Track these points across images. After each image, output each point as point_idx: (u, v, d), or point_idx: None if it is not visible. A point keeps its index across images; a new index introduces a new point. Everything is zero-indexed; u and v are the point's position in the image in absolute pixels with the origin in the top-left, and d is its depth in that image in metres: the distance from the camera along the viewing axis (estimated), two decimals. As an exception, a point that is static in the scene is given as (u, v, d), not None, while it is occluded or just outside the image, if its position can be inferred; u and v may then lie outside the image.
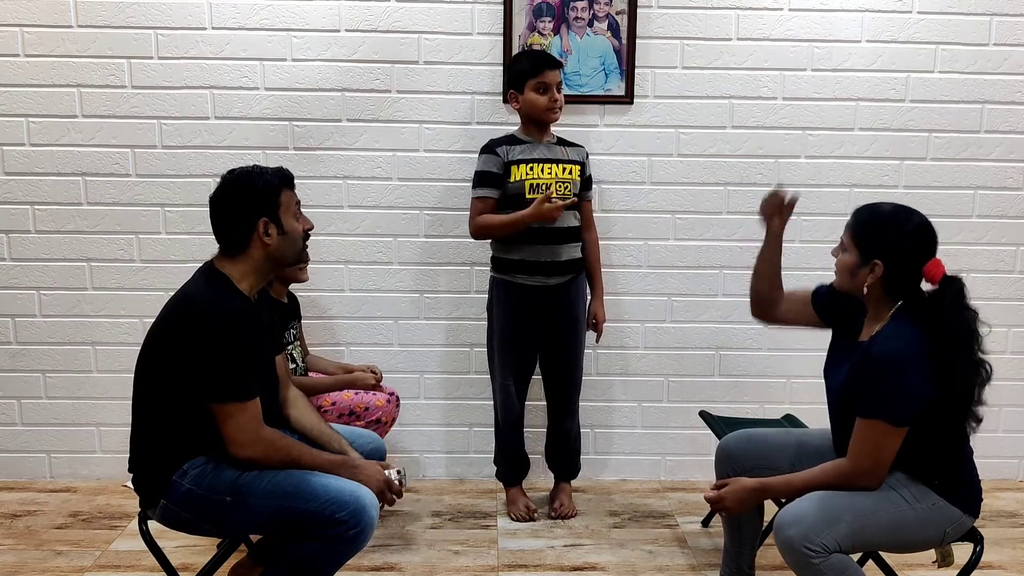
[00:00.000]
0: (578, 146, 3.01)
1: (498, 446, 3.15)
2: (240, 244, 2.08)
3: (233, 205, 2.08)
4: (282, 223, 2.09)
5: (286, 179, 2.14)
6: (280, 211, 2.09)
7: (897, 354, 1.94)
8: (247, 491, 2.01)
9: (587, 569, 2.73)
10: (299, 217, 2.18)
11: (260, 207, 2.07)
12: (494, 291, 3.02)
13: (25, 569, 2.68)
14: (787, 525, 1.95)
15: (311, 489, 2.00)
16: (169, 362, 2.00)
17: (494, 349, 3.04)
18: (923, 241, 2.03)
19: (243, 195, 2.08)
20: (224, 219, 2.09)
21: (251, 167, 2.13)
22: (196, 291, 2.04)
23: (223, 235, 2.10)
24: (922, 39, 3.21)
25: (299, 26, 3.14)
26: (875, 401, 1.95)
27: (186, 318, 1.99)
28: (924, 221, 2.04)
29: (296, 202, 2.16)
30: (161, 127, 3.18)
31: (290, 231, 2.12)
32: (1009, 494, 3.32)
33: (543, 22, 3.15)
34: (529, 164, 2.88)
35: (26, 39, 3.11)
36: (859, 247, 2.05)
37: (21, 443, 3.32)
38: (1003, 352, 3.40)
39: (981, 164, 3.29)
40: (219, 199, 2.10)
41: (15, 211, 3.19)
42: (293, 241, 2.13)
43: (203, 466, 2.03)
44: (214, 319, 1.96)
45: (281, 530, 2.05)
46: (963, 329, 1.97)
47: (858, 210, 2.12)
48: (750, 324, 3.34)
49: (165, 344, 2.01)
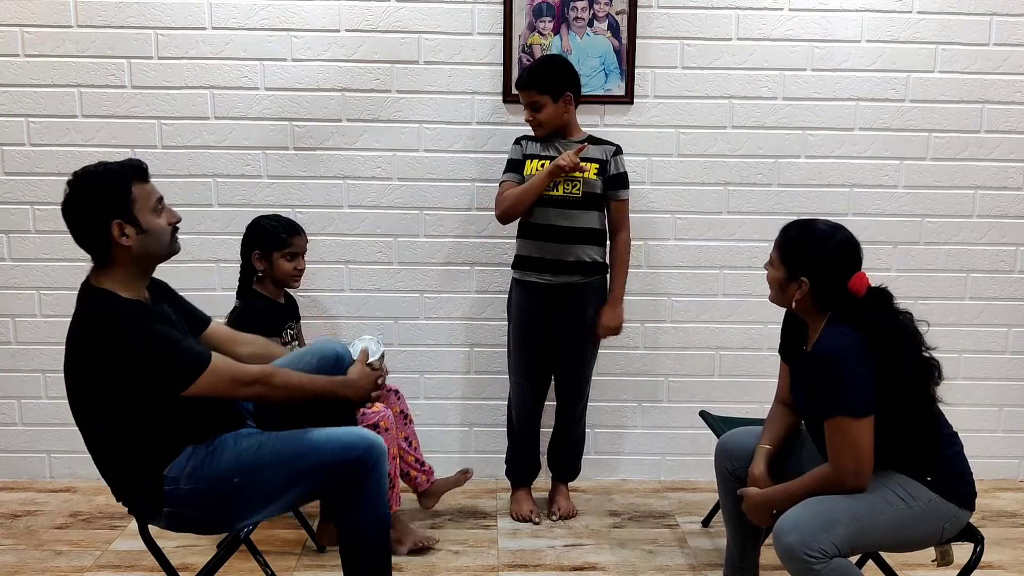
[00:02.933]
0: (607, 144, 2.93)
1: (510, 446, 3.14)
2: (102, 251, 1.94)
3: (81, 211, 1.91)
4: (139, 221, 1.93)
5: (137, 172, 1.95)
6: (135, 208, 1.92)
7: (834, 348, 2.01)
8: (253, 466, 1.99)
9: (587, 569, 2.72)
10: (161, 211, 1.99)
11: (110, 209, 1.90)
12: (512, 290, 3.01)
13: (25, 569, 2.68)
14: (786, 532, 1.95)
15: (316, 442, 2.02)
16: (105, 385, 1.93)
17: (510, 349, 3.03)
18: (845, 258, 2.09)
19: (89, 198, 1.91)
20: (77, 228, 1.93)
21: (96, 165, 1.94)
22: (84, 314, 1.94)
23: (82, 244, 1.95)
24: (922, 39, 3.21)
25: (299, 26, 3.14)
26: (829, 399, 2.00)
27: (96, 340, 1.90)
28: (846, 237, 2.11)
29: (157, 197, 1.98)
30: (161, 127, 3.18)
31: (150, 228, 1.95)
32: (1009, 494, 3.32)
33: (543, 22, 3.15)
34: (542, 162, 2.87)
35: (26, 39, 3.11)
36: (785, 264, 2.13)
37: (21, 443, 3.32)
38: (1003, 352, 3.40)
39: (981, 164, 3.29)
40: (67, 206, 1.93)
41: (15, 211, 3.19)
42: (157, 237, 1.97)
43: (190, 460, 2.00)
44: (121, 321, 1.88)
45: (306, 493, 2.06)
46: (896, 330, 2.03)
47: (785, 227, 2.18)
48: (750, 324, 3.35)
49: (91, 373, 1.93)
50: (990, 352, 3.40)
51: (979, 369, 3.40)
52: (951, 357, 3.27)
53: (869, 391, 1.98)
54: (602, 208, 2.91)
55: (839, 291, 2.07)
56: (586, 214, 2.87)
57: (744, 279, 3.32)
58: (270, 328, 2.73)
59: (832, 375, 2.00)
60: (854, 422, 1.97)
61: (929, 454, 2.06)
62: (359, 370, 2.20)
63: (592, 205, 2.87)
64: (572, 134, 2.92)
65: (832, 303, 2.09)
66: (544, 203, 2.85)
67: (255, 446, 2.03)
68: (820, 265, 2.08)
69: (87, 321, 1.94)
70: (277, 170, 3.20)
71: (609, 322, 2.95)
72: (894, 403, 2.01)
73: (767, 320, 3.27)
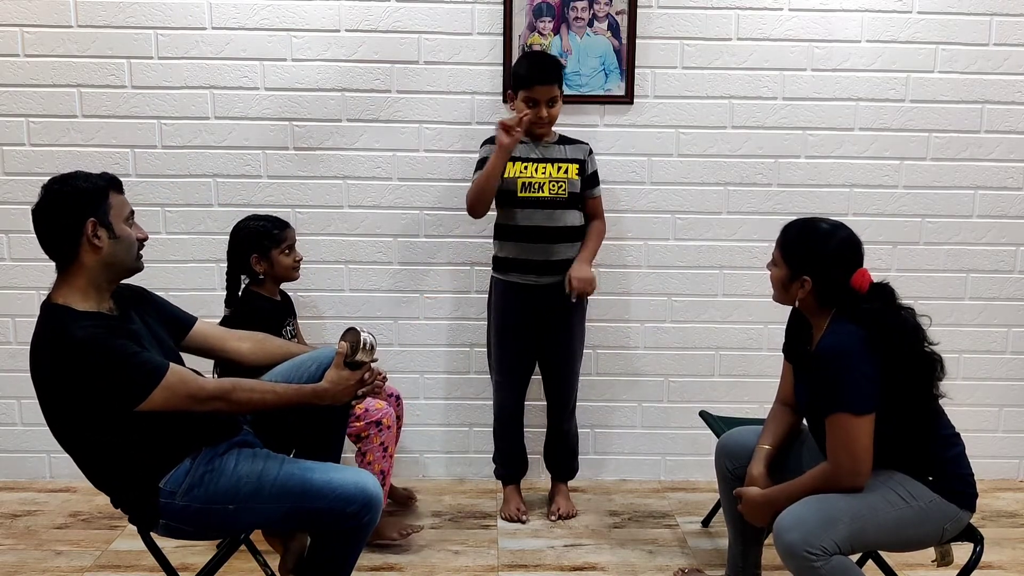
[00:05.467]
0: (580, 143, 2.99)
1: (495, 445, 3.15)
2: (70, 252, 1.94)
3: (57, 209, 1.93)
4: (112, 226, 1.95)
5: (114, 182, 2.00)
6: (111, 214, 1.96)
7: (838, 346, 2.02)
8: (251, 498, 2.00)
9: (587, 569, 2.73)
10: (132, 225, 2.02)
11: (86, 208, 1.93)
12: (492, 291, 3.02)
13: (25, 569, 2.68)
14: (786, 529, 1.95)
15: (317, 489, 2.01)
16: (68, 403, 1.92)
17: (491, 350, 3.05)
18: (847, 255, 2.10)
19: (67, 197, 1.93)
20: (49, 227, 1.94)
21: (73, 172, 1.99)
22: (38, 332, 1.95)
23: (51, 246, 1.96)
24: (922, 39, 3.21)
25: (299, 26, 3.14)
26: (831, 397, 2.01)
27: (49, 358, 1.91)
28: (848, 235, 2.12)
29: (130, 210, 2.02)
30: (161, 127, 3.18)
31: (122, 236, 1.97)
32: (1009, 494, 3.32)
33: (543, 22, 3.15)
34: (524, 163, 2.87)
35: (26, 39, 3.11)
36: (788, 263, 2.14)
37: (21, 443, 3.32)
38: (1003, 352, 3.40)
39: (981, 164, 3.29)
40: (41, 207, 1.95)
41: (15, 211, 3.19)
42: (127, 247, 1.99)
43: (188, 476, 1.99)
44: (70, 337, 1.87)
45: (295, 527, 2.09)
46: (899, 325, 2.03)
47: (787, 226, 2.19)
48: (750, 324, 3.35)
49: (53, 392, 1.93)
50: (990, 352, 3.40)
51: (979, 369, 3.40)
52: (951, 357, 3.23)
53: (871, 390, 1.98)
54: (580, 206, 2.93)
55: (842, 288, 2.08)
56: (569, 213, 2.90)
57: (744, 279, 3.32)
58: (273, 328, 2.73)
59: (835, 372, 2.00)
60: (854, 420, 1.98)
61: (931, 454, 2.07)
62: (334, 376, 2.12)
63: (574, 204, 2.90)
64: (548, 134, 2.93)
65: (835, 300, 2.10)
66: (529, 204, 2.85)
67: (255, 476, 2.02)
68: (822, 263, 2.08)
69: (40, 339, 1.94)
70: (277, 170, 3.20)
71: (577, 273, 2.83)
72: (897, 400, 2.01)
73: (767, 320, 3.27)
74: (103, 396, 1.89)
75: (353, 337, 2.13)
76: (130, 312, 2.06)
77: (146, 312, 2.12)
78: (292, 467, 2.06)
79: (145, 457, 1.99)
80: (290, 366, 2.27)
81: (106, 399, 1.90)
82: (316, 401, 2.11)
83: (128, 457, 1.98)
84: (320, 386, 2.12)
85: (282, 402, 2.07)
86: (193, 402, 1.95)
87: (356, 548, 2.13)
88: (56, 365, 1.90)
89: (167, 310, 2.21)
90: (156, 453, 2.00)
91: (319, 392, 2.11)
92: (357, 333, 2.13)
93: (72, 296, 1.95)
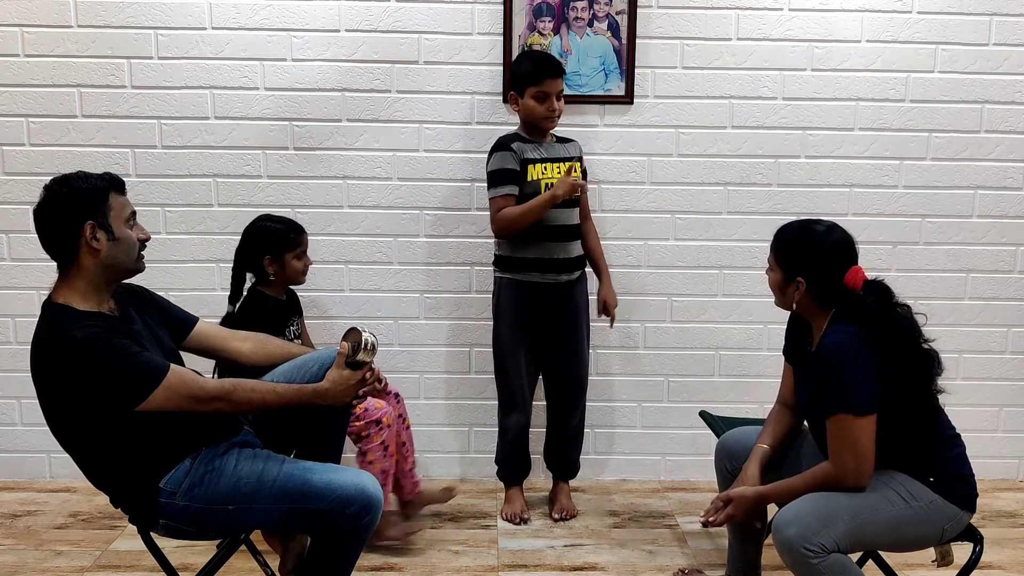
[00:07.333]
0: (573, 141, 3.03)
1: (501, 446, 3.13)
2: (69, 254, 1.94)
3: (56, 210, 1.93)
4: (112, 228, 1.95)
5: (115, 183, 1.99)
6: (110, 216, 1.95)
7: (838, 346, 2.02)
8: (251, 498, 2.00)
9: (587, 569, 2.73)
10: (134, 226, 2.02)
11: (84, 210, 1.92)
12: (502, 292, 2.99)
13: (25, 569, 2.68)
14: (785, 525, 1.96)
15: (317, 490, 2.01)
16: (69, 403, 1.92)
17: (502, 350, 3.01)
18: (838, 254, 2.10)
19: (66, 198, 1.93)
20: (49, 227, 1.94)
21: (75, 173, 1.98)
22: (39, 332, 1.94)
23: (51, 247, 1.96)
24: (922, 39, 3.21)
25: (299, 26, 3.14)
26: (832, 397, 2.01)
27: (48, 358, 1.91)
28: (838, 234, 2.12)
29: (131, 211, 2.01)
30: (161, 127, 3.18)
31: (122, 238, 1.96)
32: (1009, 494, 3.32)
33: (543, 22, 3.15)
34: (543, 164, 2.88)
35: (26, 39, 3.11)
36: (781, 266, 2.15)
37: (21, 443, 3.32)
38: (1003, 352, 3.40)
39: (981, 164, 3.29)
40: (42, 207, 1.95)
41: (15, 211, 3.19)
42: (127, 249, 1.98)
43: (188, 477, 1.99)
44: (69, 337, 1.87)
45: (295, 527, 2.10)
46: (896, 322, 2.03)
47: (780, 229, 2.20)
48: (750, 324, 3.35)
49: (53, 392, 1.94)
50: (990, 352, 3.40)
51: (979, 369, 3.40)
52: (951, 357, 3.25)
53: (872, 389, 1.98)
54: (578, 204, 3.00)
55: (836, 287, 2.08)
56: (576, 211, 2.97)
57: (744, 279, 3.33)
58: (277, 328, 2.73)
59: (835, 372, 2.00)
60: (856, 420, 1.97)
61: (932, 455, 2.07)
62: (335, 375, 2.12)
63: (578, 201, 2.96)
64: (547, 132, 2.95)
65: (831, 300, 2.10)
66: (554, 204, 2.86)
67: (255, 476, 2.02)
68: (814, 263, 2.09)
69: (41, 339, 1.94)
70: (277, 170, 3.20)
71: (613, 301, 3.04)
72: (898, 399, 2.01)
73: (767, 320, 3.27)
74: (103, 396, 1.89)
75: (354, 337, 2.12)
76: (131, 312, 2.06)
77: (147, 312, 2.12)
78: (292, 468, 2.05)
79: (145, 457, 1.99)
80: (292, 366, 2.26)
81: (106, 399, 1.90)
82: (317, 401, 2.11)
83: (128, 457, 1.99)
84: (321, 386, 2.11)
85: (283, 402, 2.07)
86: (194, 402, 1.95)
87: (356, 549, 2.13)
88: (56, 365, 1.90)
89: (168, 310, 2.21)
90: (156, 453, 2.00)
91: (320, 392, 2.11)
92: (358, 333, 2.12)
93: (73, 296, 1.95)
